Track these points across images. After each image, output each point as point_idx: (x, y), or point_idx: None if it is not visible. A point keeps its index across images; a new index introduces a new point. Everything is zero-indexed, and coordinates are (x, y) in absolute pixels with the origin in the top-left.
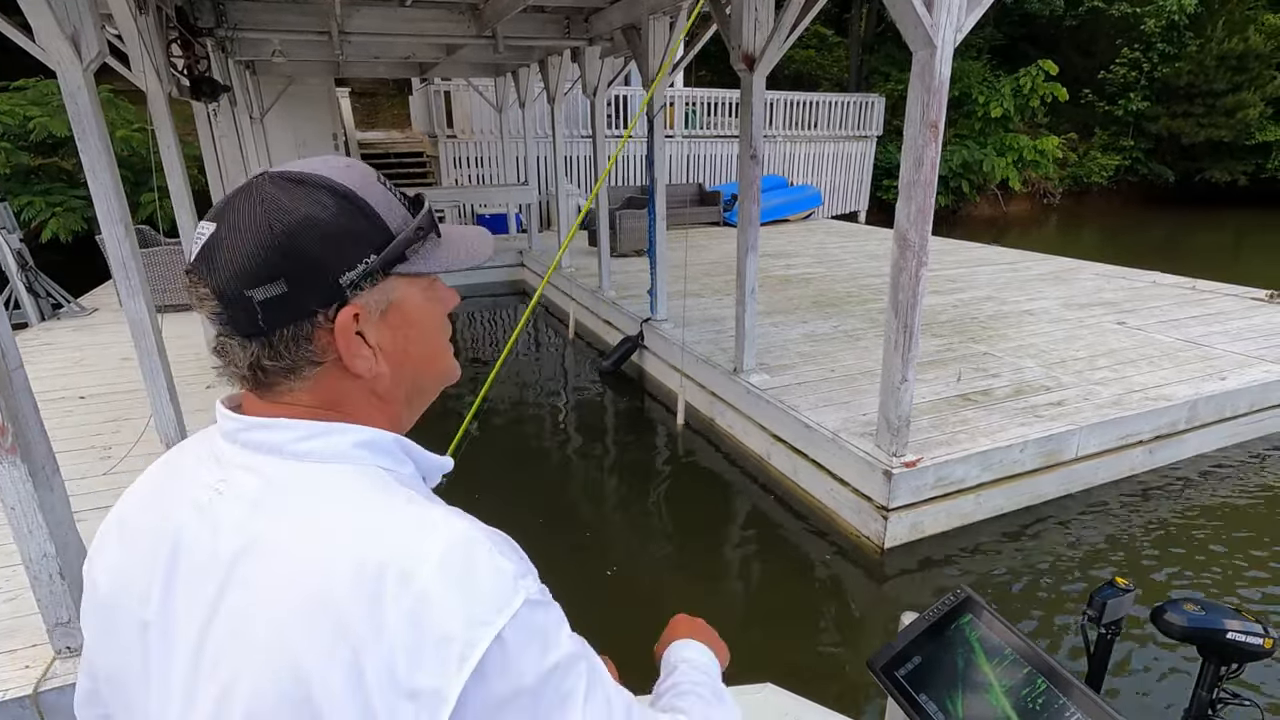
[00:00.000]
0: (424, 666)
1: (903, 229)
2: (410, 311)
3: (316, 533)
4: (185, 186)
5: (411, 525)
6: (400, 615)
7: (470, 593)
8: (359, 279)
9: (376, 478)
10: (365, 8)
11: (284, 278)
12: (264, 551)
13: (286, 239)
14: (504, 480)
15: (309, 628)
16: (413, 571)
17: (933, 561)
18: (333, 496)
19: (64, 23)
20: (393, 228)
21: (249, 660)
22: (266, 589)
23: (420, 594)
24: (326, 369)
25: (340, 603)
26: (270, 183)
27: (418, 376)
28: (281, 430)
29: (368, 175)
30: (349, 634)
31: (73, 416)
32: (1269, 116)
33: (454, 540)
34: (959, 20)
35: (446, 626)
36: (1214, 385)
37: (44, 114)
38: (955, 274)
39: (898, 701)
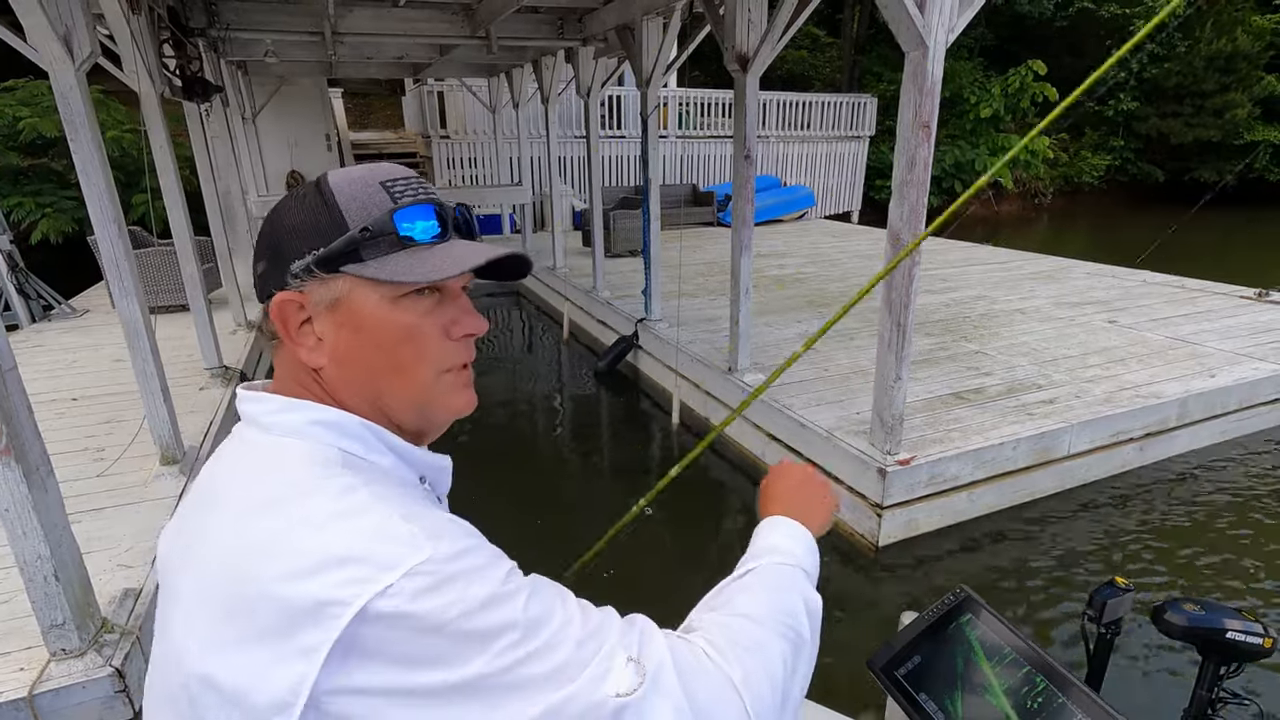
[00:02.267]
0: (304, 633)
1: (896, 229)
2: (361, 314)
3: (236, 498)
4: (178, 187)
5: (301, 517)
6: (258, 590)
7: (329, 574)
8: (302, 270)
9: (326, 456)
10: (358, 8)
11: (264, 259)
12: (204, 516)
13: (268, 226)
14: (502, 480)
15: (198, 610)
16: (269, 566)
17: (927, 559)
18: (264, 464)
19: (56, 23)
20: (351, 225)
21: (164, 644)
22: (194, 557)
23: (290, 574)
24: (286, 347)
25: (228, 569)
26: (310, 180)
27: (372, 386)
28: (259, 402)
29: (369, 175)
30: (220, 613)
31: (65, 418)
32: (1257, 117)
33: (331, 548)
34: (951, 21)
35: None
36: (1203, 382)
37: (34, 114)
38: (947, 273)
39: (897, 701)
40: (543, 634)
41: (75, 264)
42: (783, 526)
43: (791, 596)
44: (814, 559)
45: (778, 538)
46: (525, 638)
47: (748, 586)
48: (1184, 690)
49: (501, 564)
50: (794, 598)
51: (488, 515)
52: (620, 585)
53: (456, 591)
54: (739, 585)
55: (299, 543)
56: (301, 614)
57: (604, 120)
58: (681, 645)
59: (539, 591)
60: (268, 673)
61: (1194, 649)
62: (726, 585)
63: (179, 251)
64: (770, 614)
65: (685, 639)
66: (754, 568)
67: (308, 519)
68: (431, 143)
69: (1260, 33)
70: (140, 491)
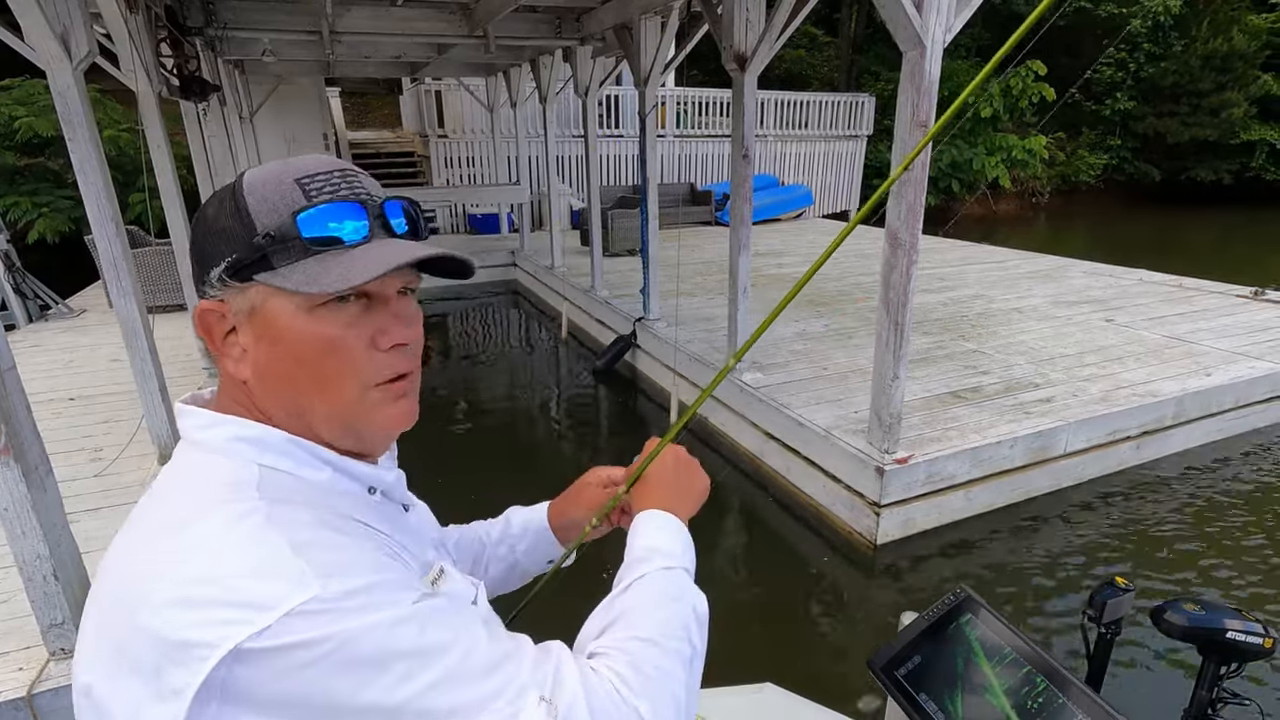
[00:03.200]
0: (171, 671)
1: (894, 228)
2: (277, 326)
3: (144, 516)
4: (175, 186)
5: (186, 546)
6: (136, 619)
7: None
8: (216, 278)
9: (238, 473)
10: (356, 7)
11: (192, 263)
12: (122, 532)
13: (193, 227)
14: (499, 481)
15: (89, 624)
16: (145, 596)
17: (924, 557)
18: (178, 483)
19: (54, 22)
20: (260, 231)
21: (80, 656)
22: (100, 570)
23: (157, 609)
24: (218, 355)
25: (108, 604)
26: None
27: (295, 400)
28: (188, 417)
29: (285, 172)
30: (109, 638)
31: (62, 418)
32: (1253, 116)
33: (207, 583)
34: (948, 21)
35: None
36: (1199, 381)
37: (30, 114)
38: (945, 272)
39: (897, 701)
40: (440, 663)
41: (72, 264)
42: (660, 523)
43: (682, 608)
44: (692, 554)
45: (657, 537)
46: (420, 668)
47: (641, 601)
48: (1184, 690)
49: (402, 595)
50: (684, 609)
51: (486, 515)
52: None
53: (340, 628)
54: (632, 599)
55: (177, 573)
56: (172, 650)
57: (602, 119)
58: (593, 680)
59: (439, 618)
60: (141, 708)
61: (1194, 649)
62: (617, 598)
63: (177, 251)
64: (666, 633)
65: (595, 671)
66: (642, 575)
67: (192, 548)
68: (429, 142)
69: (1256, 32)
70: (139, 491)
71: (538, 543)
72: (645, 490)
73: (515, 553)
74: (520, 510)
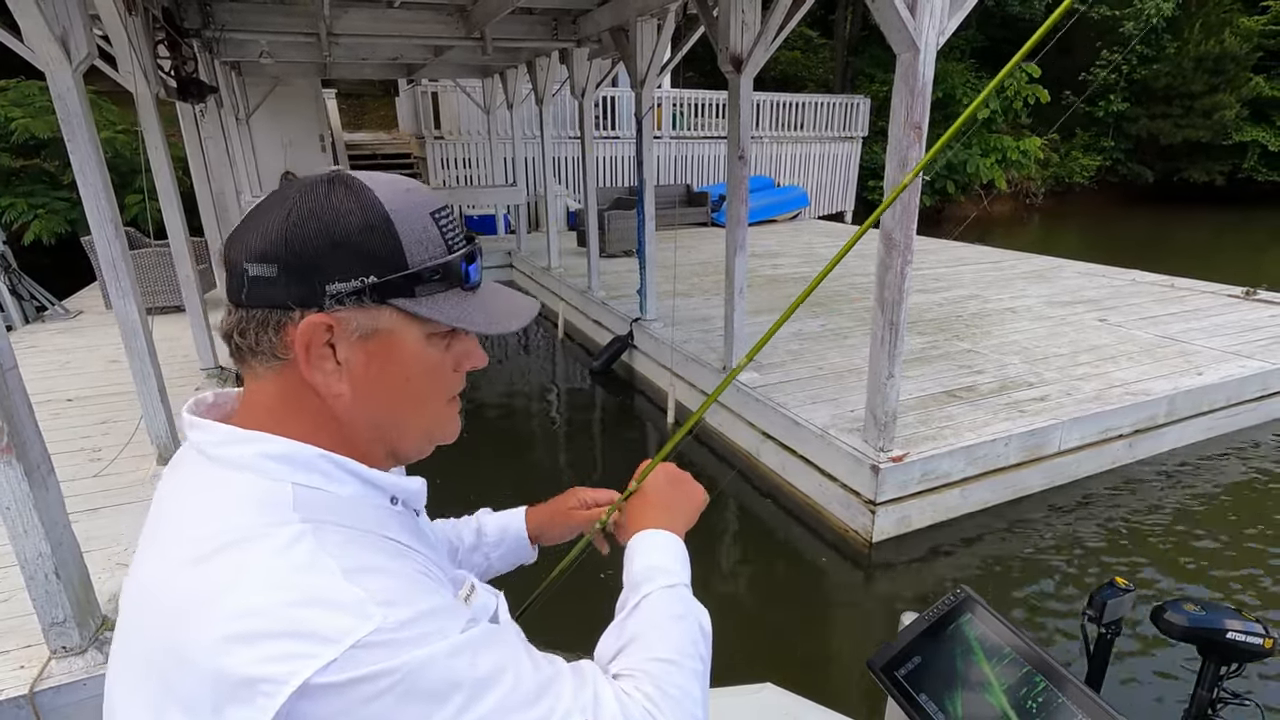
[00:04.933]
0: (231, 709)
1: (888, 228)
2: (398, 349)
3: (173, 537)
4: (174, 188)
5: (237, 576)
6: (183, 653)
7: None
8: (345, 294)
9: (273, 492)
10: (353, 9)
11: (278, 263)
12: (144, 551)
13: (294, 229)
14: (496, 481)
15: (132, 639)
16: (196, 631)
17: (920, 555)
18: (207, 502)
19: (53, 24)
20: (410, 260)
21: (116, 676)
22: (131, 592)
23: (213, 647)
24: (290, 367)
25: (161, 615)
26: (326, 181)
27: (388, 414)
28: (206, 432)
29: (419, 205)
30: (156, 672)
31: (61, 419)
32: (1245, 117)
33: (269, 617)
34: (941, 23)
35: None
36: (1191, 380)
37: (26, 115)
38: (940, 272)
39: (897, 701)
40: (493, 694)
41: (68, 265)
42: (659, 543)
43: (689, 625)
44: (689, 569)
45: (656, 556)
46: (474, 700)
47: (651, 622)
48: (1184, 690)
49: (451, 624)
50: (691, 625)
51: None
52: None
53: (401, 660)
54: (641, 620)
55: (230, 605)
56: (234, 688)
57: (598, 121)
58: (629, 703)
59: (486, 646)
60: None
61: (1194, 649)
62: (627, 620)
63: (175, 252)
64: (681, 652)
65: (627, 693)
66: (648, 594)
67: (242, 577)
68: (426, 143)
69: (1248, 34)
70: (138, 491)
71: (514, 550)
72: (640, 509)
73: (489, 559)
74: (491, 516)
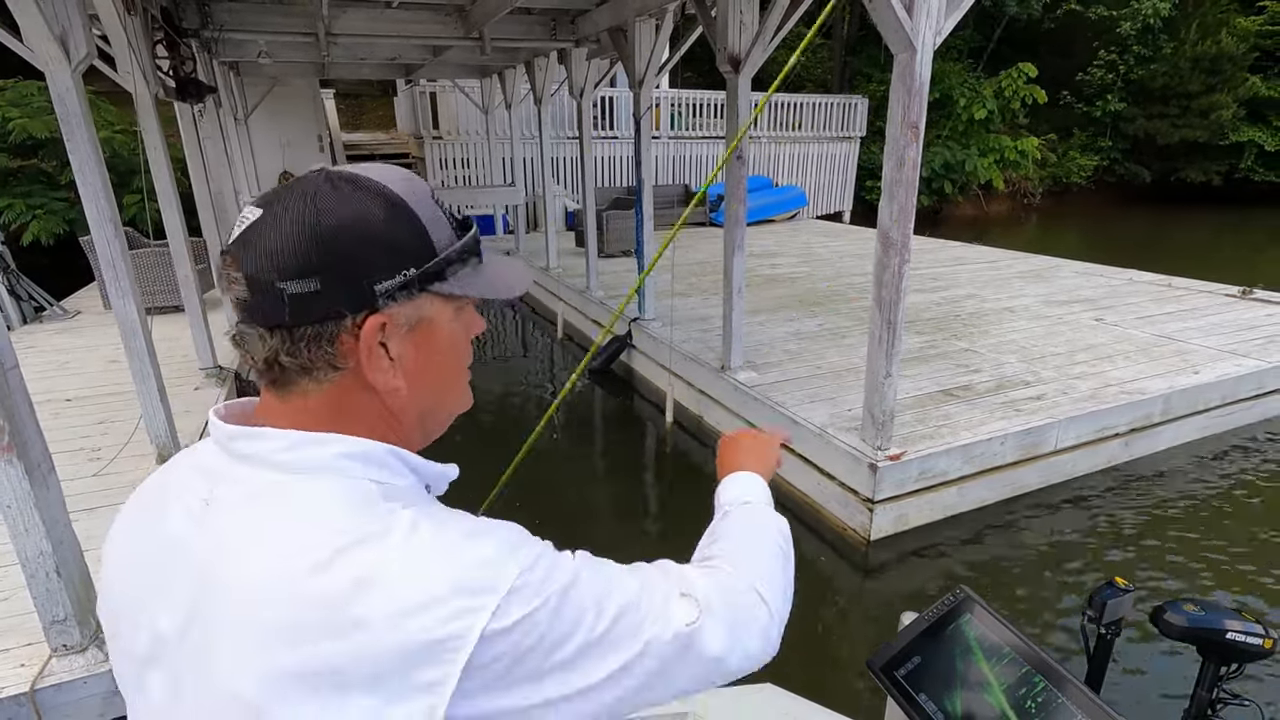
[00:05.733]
0: (422, 670)
1: (886, 228)
2: (438, 332)
3: (278, 550)
4: (173, 188)
5: (386, 558)
6: (353, 642)
7: (438, 610)
8: (394, 290)
9: (360, 490)
10: (351, 9)
11: (319, 275)
12: (230, 568)
13: (330, 237)
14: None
15: (265, 652)
16: (359, 619)
17: (917, 552)
18: (301, 510)
19: (52, 24)
20: (437, 245)
21: (207, 686)
22: (230, 609)
23: (397, 618)
24: (344, 375)
25: (296, 626)
26: (326, 180)
27: (434, 397)
28: (267, 440)
29: (422, 190)
30: (305, 660)
31: (60, 419)
32: (1241, 117)
33: (433, 583)
34: (938, 23)
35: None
36: (1187, 379)
37: (23, 115)
38: (938, 272)
39: (897, 701)
40: (613, 602)
41: (65, 265)
42: (741, 480)
43: (768, 523)
44: (770, 498)
45: (739, 489)
46: (602, 611)
47: (733, 525)
48: (1184, 690)
49: (558, 553)
50: (770, 524)
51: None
52: None
53: (542, 597)
54: (725, 525)
55: (392, 588)
56: (419, 653)
57: (597, 121)
58: (712, 573)
59: (589, 563)
60: (386, 711)
61: (1194, 649)
62: (715, 528)
63: (174, 252)
64: (760, 537)
65: (711, 568)
66: (729, 511)
67: (390, 565)
68: (424, 143)
69: (1245, 34)
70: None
71: None
72: (728, 461)
73: None
74: None
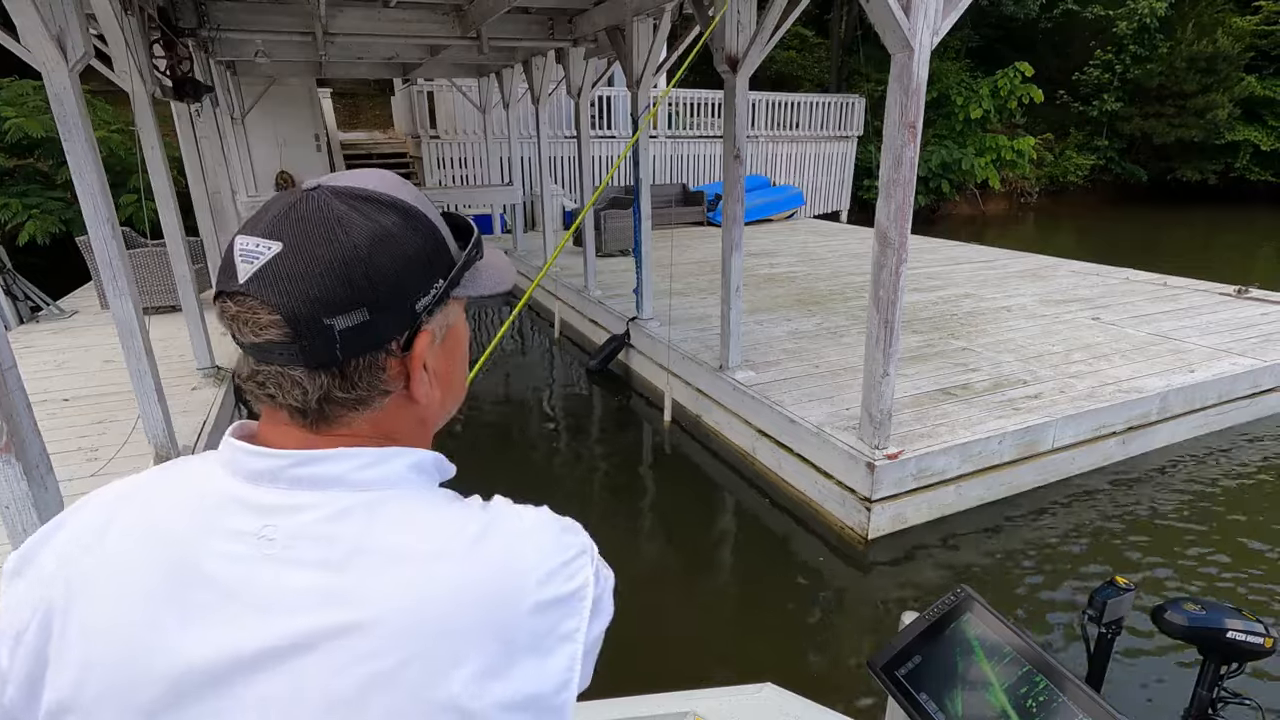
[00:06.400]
0: (566, 622)
1: (883, 227)
2: (456, 334)
3: (439, 553)
4: (170, 187)
5: (498, 529)
6: (538, 604)
7: (568, 569)
8: (432, 304)
9: (441, 493)
10: (349, 8)
11: (367, 305)
12: (376, 588)
13: (369, 262)
14: (491, 481)
15: (458, 648)
16: (519, 590)
17: (915, 551)
18: (417, 516)
19: (50, 23)
20: (451, 250)
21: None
22: (395, 628)
23: (544, 582)
24: (392, 398)
25: (486, 616)
26: (336, 198)
27: (454, 399)
28: (344, 460)
29: (419, 193)
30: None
31: (57, 419)
32: (1237, 117)
33: (550, 552)
34: (935, 24)
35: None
36: (1183, 378)
37: (19, 114)
38: (935, 271)
39: (898, 701)
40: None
41: (61, 265)
42: None
43: None
44: None
45: None
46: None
47: None
48: (1184, 690)
49: None
50: None
51: None
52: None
53: (600, 559)
54: None
55: (533, 556)
56: (558, 606)
57: (594, 120)
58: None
59: None
60: (544, 666)
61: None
62: None
63: (171, 252)
64: None
65: None
66: None
67: (515, 534)
68: (421, 143)
69: (1240, 34)
70: None
71: None
72: None
73: None
74: None
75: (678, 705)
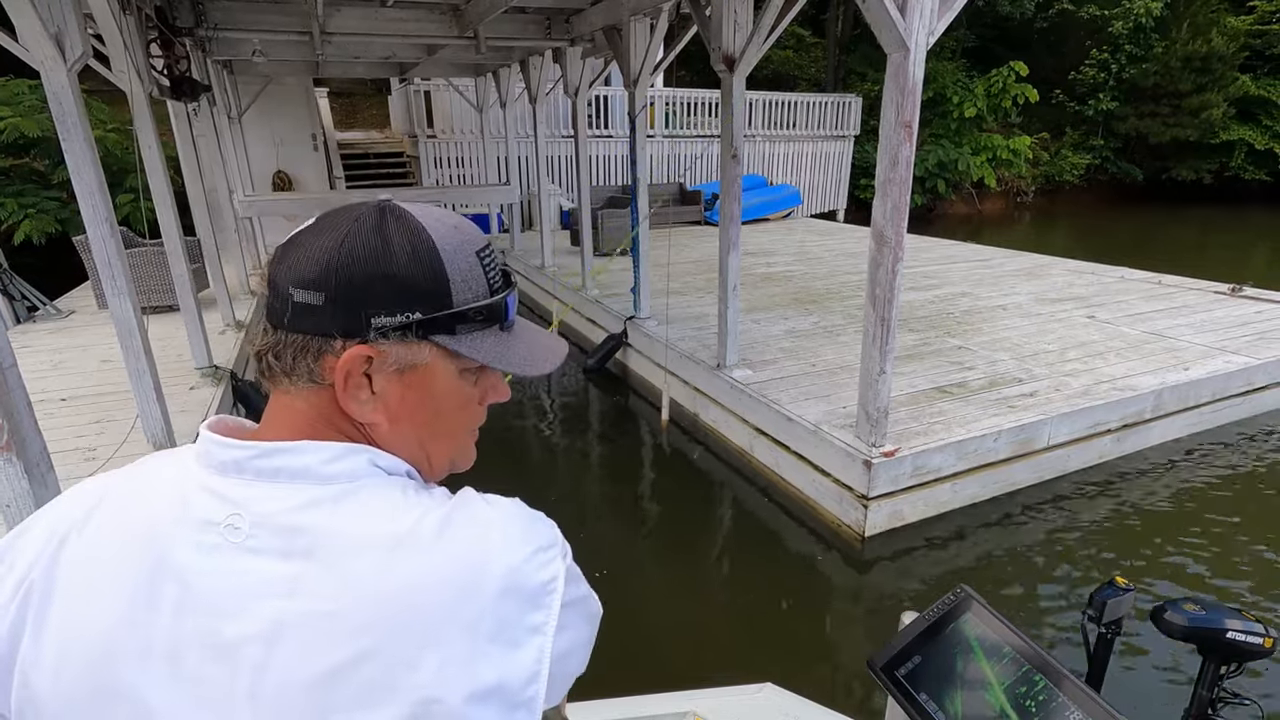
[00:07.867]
0: (533, 614)
1: (879, 226)
2: (434, 384)
3: (405, 543)
4: (167, 187)
5: (481, 516)
6: (504, 592)
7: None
8: (391, 328)
9: (410, 484)
10: (346, 8)
11: (326, 293)
12: (341, 577)
13: (345, 259)
14: (490, 480)
15: (424, 637)
16: (502, 553)
17: (912, 548)
18: (384, 506)
19: (48, 23)
20: (456, 299)
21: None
22: (361, 618)
23: (511, 570)
24: (326, 393)
25: (452, 605)
26: (376, 208)
27: (421, 442)
28: (310, 453)
29: (468, 242)
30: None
31: (55, 419)
32: (1232, 116)
33: (519, 542)
34: (931, 23)
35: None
36: (1178, 376)
37: (15, 114)
38: (931, 270)
39: (898, 700)
40: None
41: (58, 265)
42: None
43: None
44: None
45: None
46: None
47: None
48: (1184, 689)
49: None
50: None
51: None
52: (612, 586)
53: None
54: None
55: (501, 543)
56: (529, 598)
57: (591, 120)
58: None
59: None
60: (511, 657)
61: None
62: None
63: (169, 252)
64: None
65: None
66: None
67: (484, 523)
68: (418, 142)
69: (1235, 34)
70: None
71: None
72: None
73: None
74: None
75: (677, 705)
